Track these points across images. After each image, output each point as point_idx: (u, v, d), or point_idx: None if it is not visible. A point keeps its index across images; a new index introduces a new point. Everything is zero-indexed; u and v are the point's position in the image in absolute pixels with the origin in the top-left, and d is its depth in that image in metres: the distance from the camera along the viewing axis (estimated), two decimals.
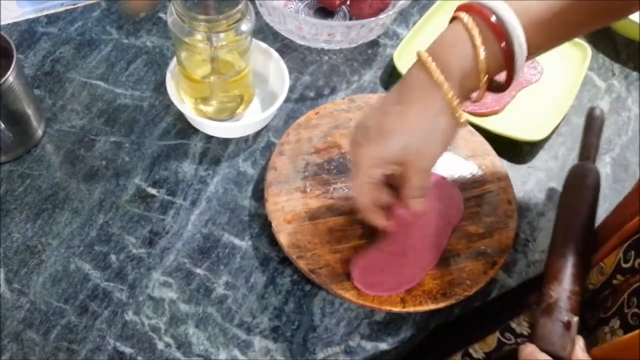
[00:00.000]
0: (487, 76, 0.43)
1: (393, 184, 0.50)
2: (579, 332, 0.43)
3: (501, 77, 0.45)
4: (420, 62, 0.44)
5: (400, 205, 0.50)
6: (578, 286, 0.45)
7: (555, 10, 0.42)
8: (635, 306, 0.41)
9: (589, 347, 0.42)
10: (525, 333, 0.49)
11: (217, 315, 0.54)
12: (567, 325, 0.43)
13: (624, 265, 0.43)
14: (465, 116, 0.45)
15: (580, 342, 0.42)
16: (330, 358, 0.53)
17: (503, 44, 0.42)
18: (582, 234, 0.49)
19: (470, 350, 0.52)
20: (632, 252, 0.43)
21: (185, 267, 0.56)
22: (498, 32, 0.42)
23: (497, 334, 0.50)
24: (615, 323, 0.42)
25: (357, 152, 0.47)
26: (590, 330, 0.46)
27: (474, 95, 0.46)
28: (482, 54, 0.42)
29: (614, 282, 0.44)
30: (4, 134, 0.59)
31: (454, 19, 0.44)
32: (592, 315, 0.46)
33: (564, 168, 0.67)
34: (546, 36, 0.44)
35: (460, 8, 0.44)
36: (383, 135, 0.45)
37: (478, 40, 0.42)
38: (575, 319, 0.43)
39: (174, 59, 0.63)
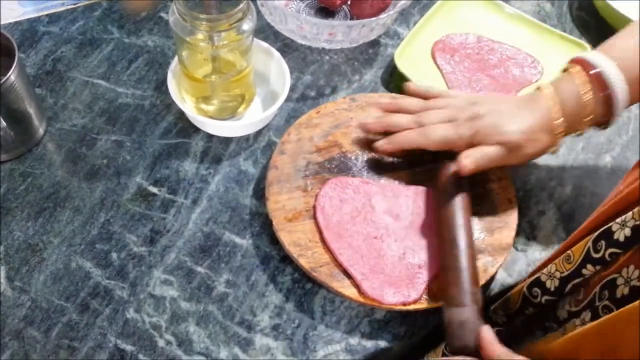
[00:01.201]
0: (591, 118, 0.54)
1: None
2: (550, 326, 0.45)
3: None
4: (547, 96, 0.54)
5: None
6: (474, 284, 0.49)
7: None
8: (606, 299, 0.41)
9: (558, 338, 0.43)
10: (500, 322, 0.51)
11: (218, 313, 0.54)
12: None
13: (595, 255, 0.43)
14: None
15: (486, 332, 0.45)
16: (330, 356, 0.53)
17: (604, 93, 0.53)
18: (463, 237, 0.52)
19: None
20: (603, 242, 0.43)
21: (186, 265, 0.56)
22: (599, 81, 0.52)
23: None
24: (587, 315, 0.43)
25: (483, 127, 0.55)
26: (561, 323, 0.46)
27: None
28: (587, 98, 0.53)
29: (584, 271, 0.44)
30: (5, 133, 0.59)
31: (566, 69, 0.56)
32: (563, 307, 0.46)
33: (565, 167, 0.67)
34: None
35: (571, 61, 0.55)
36: (509, 129, 0.54)
37: (586, 88, 0.53)
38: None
39: (175, 59, 0.63)
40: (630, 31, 0.55)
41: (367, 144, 0.62)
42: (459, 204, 0.54)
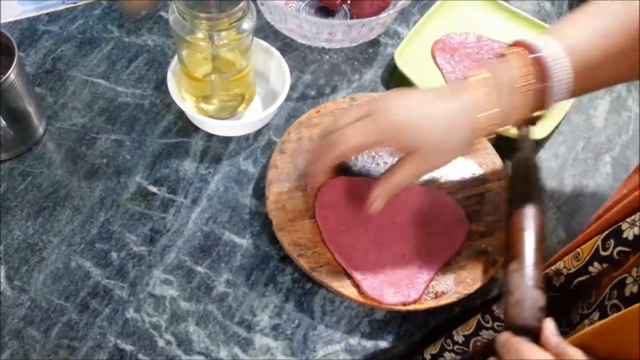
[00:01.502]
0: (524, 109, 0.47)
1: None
2: (563, 331, 0.44)
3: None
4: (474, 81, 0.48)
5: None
6: (539, 262, 0.46)
7: (607, 55, 0.45)
8: (615, 298, 0.41)
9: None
10: (502, 317, 0.49)
11: (218, 313, 0.54)
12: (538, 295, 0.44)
13: (603, 253, 0.43)
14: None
15: (550, 325, 0.42)
16: (330, 356, 0.53)
17: (543, 84, 0.46)
18: (536, 218, 0.49)
19: (453, 333, 0.53)
20: (612, 241, 0.42)
21: (186, 265, 0.56)
22: (541, 69, 0.45)
23: (478, 316, 0.51)
24: (595, 315, 0.43)
25: (386, 127, 0.47)
26: (573, 327, 0.46)
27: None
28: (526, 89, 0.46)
29: (590, 269, 0.44)
30: (5, 132, 0.59)
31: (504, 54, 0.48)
32: (576, 311, 0.46)
33: (564, 167, 0.67)
34: (591, 82, 0.47)
35: (515, 44, 0.48)
36: (418, 132, 0.47)
37: (522, 76, 0.46)
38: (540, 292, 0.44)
39: (175, 58, 0.63)
40: (588, 11, 0.48)
41: None
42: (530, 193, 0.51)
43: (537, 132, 0.66)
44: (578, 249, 0.46)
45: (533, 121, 0.50)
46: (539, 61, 0.46)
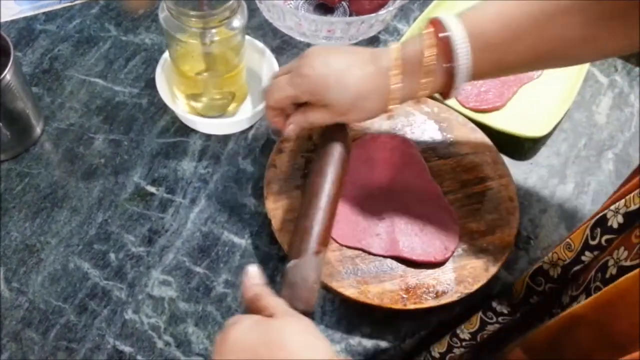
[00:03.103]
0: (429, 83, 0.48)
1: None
2: (556, 312, 0.45)
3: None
4: (390, 51, 0.49)
5: None
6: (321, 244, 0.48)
7: (507, 39, 0.46)
8: (599, 280, 0.41)
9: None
10: (505, 312, 0.51)
11: (217, 314, 0.54)
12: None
13: (591, 242, 0.44)
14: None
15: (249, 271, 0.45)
16: None
17: (447, 64, 0.47)
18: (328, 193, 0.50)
19: (458, 331, 0.53)
20: (598, 229, 0.43)
21: (184, 265, 0.56)
22: (446, 49, 0.47)
23: (480, 313, 0.52)
24: (582, 297, 0.43)
25: (303, 80, 0.51)
26: (564, 308, 0.46)
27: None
28: (431, 64, 0.47)
29: (583, 258, 0.45)
30: (2, 133, 0.58)
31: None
32: (566, 294, 0.47)
33: (567, 164, 0.66)
34: (492, 64, 0.48)
35: (430, 21, 0.49)
36: (334, 87, 0.50)
37: (430, 52, 0.47)
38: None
39: (163, 56, 0.63)
40: None
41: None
42: (329, 159, 0.52)
43: (539, 129, 0.66)
44: (568, 239, 0.47)
45: (444, 95, 0.51)
46: (445, 41, 0.47)
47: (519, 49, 0.47)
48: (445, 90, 0.50)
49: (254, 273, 0.44)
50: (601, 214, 0.44)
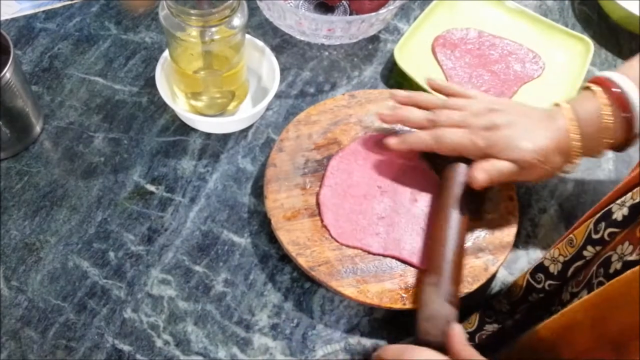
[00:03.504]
0: (610, 140, 0.52)
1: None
2: (555, 310, 0.45)
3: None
4: (566, 115, 0.53)
5: None
6: (457, 276, 0.50)
7: None
8: (602, 275, 0.41)
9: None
10: (504, 310, 0.51)
11: (216, 313, 0.54)
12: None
13: (594, 237, 0.44)
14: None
15: (458, 330, 0.45)
16: (330, 356, 0.52)
17: (625, 114, 0.51)
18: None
19: None
20: (602, 224, 0.43)
21: (184, 264, 0.56)
22: (621, 102, 0.51)
23: (479, 313, 0.52)
24: (584, 293, 0.43)
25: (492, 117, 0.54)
26: (564, 305, 0.46)
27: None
28: (609, 119, 0.51)
29: (585, 253, 0.45)
30: (1, 131, 0.58)
31: (586, 88, 0.54)
32: (566, 291, 0.47)
33: None
34: None
35: (591, 80, 0.54)
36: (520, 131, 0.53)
37: (607, 110, 0.51)
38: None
39: (163, 55, 0.63)
40: None
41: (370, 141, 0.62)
42: (458, 208, 0.53)
43: None
44: (571, 235, 0.47)
45: (621, 148, 0.54)
46: (619, 94, 0.51)
47: None
48: (622, 143, 0.53)
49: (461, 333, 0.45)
50: (606, 208, 0.44)
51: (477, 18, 0.77)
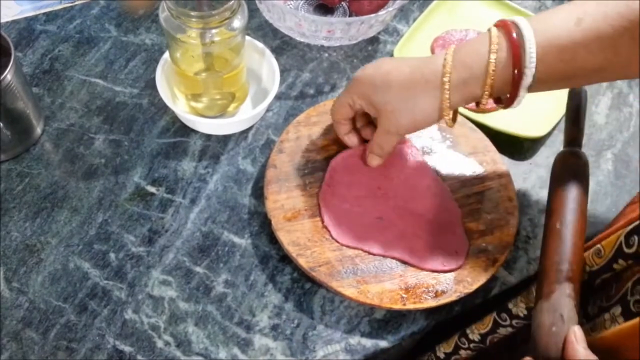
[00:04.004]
0: (491, 85, 0.47)
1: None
2: (579, 322, 0.43)
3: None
4: (445, 54, 0.48)
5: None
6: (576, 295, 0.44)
7: (575, 41, 0.44)
8: (639, 294, 0.40)
9: (587, 334, 0.42)
10: (521, 315, 0.49)
11: (217, 314, 0.54)
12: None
13: (627, 251, 0.42)
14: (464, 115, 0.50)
15: (576, 333, 0.41)
16: (330, 356, 0.52)
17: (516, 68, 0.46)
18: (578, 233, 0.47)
19: (468, 331, 0.53)
20: (636, 238, 0.42)
21: (184, 265, 0.56)
22: (514, 45, 0.45)
23: (494, 314, 0.51)
24: (617, 310, 0.42)
25: (354, 83, 0.54)
26: (590, 319, 0.45)
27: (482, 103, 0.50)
28: (492, 57, 0.46)
29: (615, 266, 0.43)
30: (2, 133, 0.59)
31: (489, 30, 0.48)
32: (594, 303, 0.46)
33: None
34: (556, 69, 0.46)
35: (497, 23, 0.48)
36: (380, 86, 0.51)
37: (494, 47, 0.46)
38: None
39: (164, 56, 0.63)
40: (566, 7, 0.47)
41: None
42: (575, 198, 0.49)
43: (539, 129, 0.66)
44: (599, 245, 0.45)
45: (504, 103, 0.50)
46: (515, 42, 0.45)
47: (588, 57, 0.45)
48: (505, 97, 0.48)
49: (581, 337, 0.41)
50: (638, 222, 0.42)
51: (476, 19, 0.77)
